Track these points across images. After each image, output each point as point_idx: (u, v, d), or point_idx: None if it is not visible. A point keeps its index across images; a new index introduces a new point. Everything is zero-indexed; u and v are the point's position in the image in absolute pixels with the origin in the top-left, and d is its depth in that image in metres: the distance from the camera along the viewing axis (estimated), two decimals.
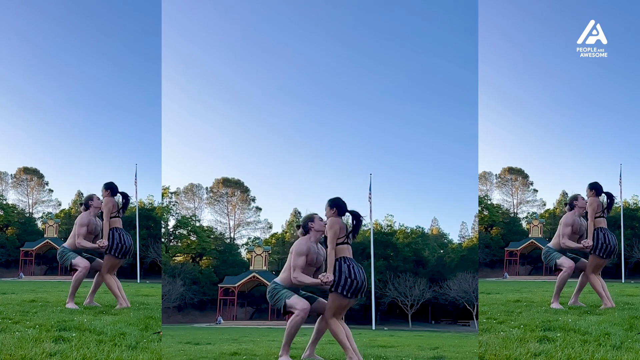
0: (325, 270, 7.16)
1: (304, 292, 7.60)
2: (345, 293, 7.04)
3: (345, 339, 7.21)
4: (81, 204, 10.98)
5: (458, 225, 62.66)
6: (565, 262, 10.98)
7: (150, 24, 48.06)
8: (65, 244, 11.05)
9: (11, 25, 54.85)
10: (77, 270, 10.86)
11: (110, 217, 10.67)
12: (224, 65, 66.75)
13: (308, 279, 7.22)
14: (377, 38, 64.07)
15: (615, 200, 11.87)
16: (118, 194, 10.85)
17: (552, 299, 11.50)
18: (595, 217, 10.51)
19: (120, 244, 10.74)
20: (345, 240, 7.16)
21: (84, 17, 53.47)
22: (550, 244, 11.27)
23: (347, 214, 7.34)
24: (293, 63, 65.20)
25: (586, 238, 10.60)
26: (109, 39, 54.11)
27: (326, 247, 7.19)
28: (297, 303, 7.22)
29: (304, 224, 7.44)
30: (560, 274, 11.04)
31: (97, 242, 10.72)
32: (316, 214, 7.48)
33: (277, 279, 7.49)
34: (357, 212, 7.27)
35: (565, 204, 11.02)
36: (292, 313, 7.31)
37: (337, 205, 7.24)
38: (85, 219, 10.80)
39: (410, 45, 64.16)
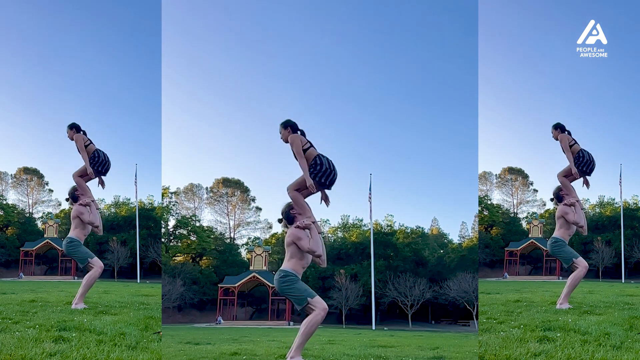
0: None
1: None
2: (322, 180, 7.73)
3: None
4: (67, 199, 11.56)
5: (458, 225, 62.71)
6: (581, 262, 11.05)
7: (150, 25, 48.08)
8: (73, 235, 11.23)
9: (12, 25, 54.87)
10: (91, 268, 11.13)
11: (87, 146, 11.60)
12: (224, 65, 66.78)
13: (318, 243, 7.46)
14: (378, 39, 64.09)
15: (616, 200, 12.36)
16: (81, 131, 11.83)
17: (562, 299, 11.37)
18: (571, 146, 11.54)
19: (105, 161, 11.67)
20: (310, 145, 7.88)
21: (84, 18, 53.50)
22: (557, 235, 11.29)
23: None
24: (294, 63, 65.23)
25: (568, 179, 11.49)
26: (109, 39, 54.14)
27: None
28: (320, 302, 7.30)
29: (286, 215, 7.60)
30: (575, 274, 11.05)
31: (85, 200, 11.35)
32: (291, 202, 7.71)
33: (287, 268, 7.40)
34: (303, 131, 8.10)
35: (552, 199, 11.57)
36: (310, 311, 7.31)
37: (290, 125, 8.01)
38: (81, 209, 11.24)
39: (410, 46, 64.18)
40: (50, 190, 54.80)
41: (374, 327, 35.89)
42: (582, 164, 11.40)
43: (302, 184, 7.77)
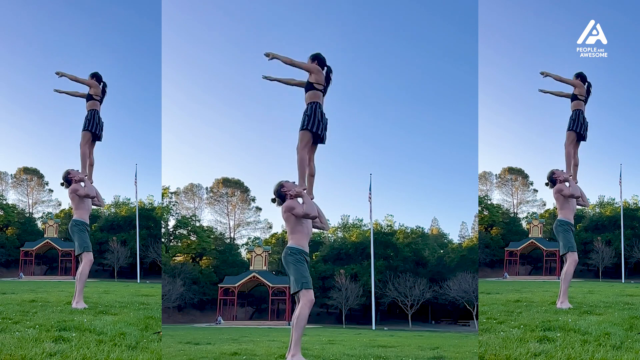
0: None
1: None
2: (314, 130, 7.83)
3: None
4: (62, 184, 11.47)
5: (458, 225, 62.77)
6: (571, 256, 11.09)
7: (151, 25, 48.09)
8: (77, 217, 11.31)
9: (12, 25, 54.88)
10: (80, 260, 11.18)
11: (94, 99, 11.92)
12: (224, 65, 66.82)
13: (312, 206, 7.56)
14: (378, 40, 64.13)
15: (616, 200, 12.50)
16: (102, 82, 12.14)
17: (561, 298, 11.31)
18: (578, 99, 11.93)
19: (98, 125, 11.95)
20: (322, 89, 8.01)
21: (84, 18, 53.51)
22: (562, 217, 11.34)
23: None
24: None
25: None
26: (109, 39, 54.13)
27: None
28: (309, 294, 7.28)
29: (278, 194, 7.62)
30: (565, 269, 11.05)
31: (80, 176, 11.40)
32: (282, 180, 7.72)
33: (294, 244, 7.43)
34: (331, 68, 8.16)
35: (546, 184, 11.56)
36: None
37: (318, 58, 8.13)
38: (76, 186, 11.29)
39: (411, 47, 64.23)
40: (50, 190, 54.83)
41: (374, 327, 35.87)
42: (577, 125, 11.75)
43: (304, 139, 7.84)
